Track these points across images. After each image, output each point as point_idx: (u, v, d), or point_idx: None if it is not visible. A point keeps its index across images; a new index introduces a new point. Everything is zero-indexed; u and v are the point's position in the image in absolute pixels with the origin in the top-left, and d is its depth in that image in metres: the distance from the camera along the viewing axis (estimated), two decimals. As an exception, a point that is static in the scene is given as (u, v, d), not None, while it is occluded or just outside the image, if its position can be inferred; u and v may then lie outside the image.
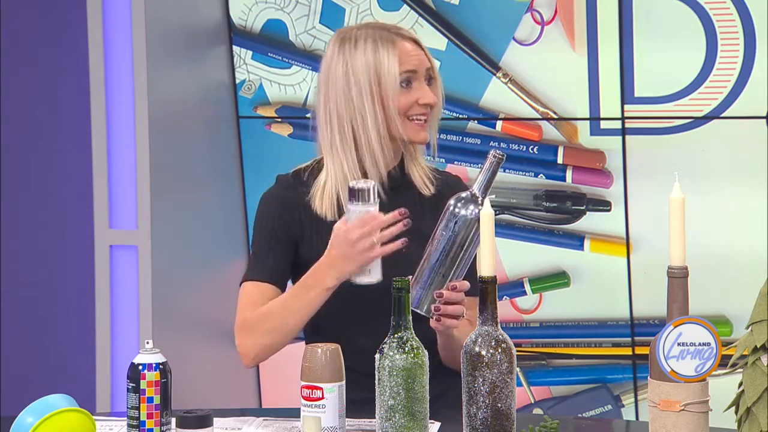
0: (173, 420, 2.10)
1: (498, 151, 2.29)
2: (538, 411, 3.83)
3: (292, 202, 2.53)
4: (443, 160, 3.85)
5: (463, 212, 2.28)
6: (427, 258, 2.31)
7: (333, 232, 2.38)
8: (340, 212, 2.48)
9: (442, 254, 2.29)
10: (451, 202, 2.30)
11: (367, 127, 2.48)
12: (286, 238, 2.52)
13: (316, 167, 2.56)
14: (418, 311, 2.29)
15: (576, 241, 3.80)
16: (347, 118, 2.49)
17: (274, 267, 2.51)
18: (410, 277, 2.29)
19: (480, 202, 2.28)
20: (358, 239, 2.33)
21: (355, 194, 2.34)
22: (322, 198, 2.52)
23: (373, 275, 2.35)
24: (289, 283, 2.55)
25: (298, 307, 2.42)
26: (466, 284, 2.32)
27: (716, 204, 3.65)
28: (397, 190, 2.55)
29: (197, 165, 3.88)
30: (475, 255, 2.33)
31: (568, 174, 3.79)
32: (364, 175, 2.50)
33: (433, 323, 2.33)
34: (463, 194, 2.30)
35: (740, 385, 1.83)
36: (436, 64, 2.58)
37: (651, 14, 3.67)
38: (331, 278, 2.38)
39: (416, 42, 2.53)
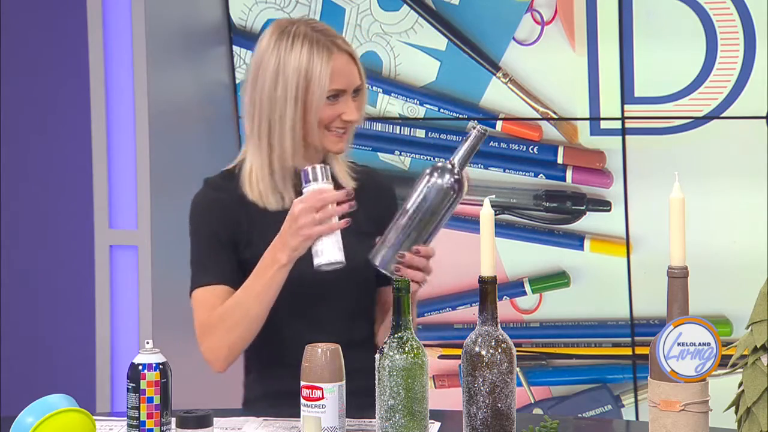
0: (173, 420, 2.10)
1: (482, 126, 2.29)
2: (538, 411, 3.83)
3: (227, 203, 2.50)
4: (443, 160, 3.85)
5: (438, 181, 2.30)
6: (397, 220, 2.32)
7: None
8: (275, 198, 2.48)
9: (413, 218, 2.31)
10: (428, 170, 2.31)
11: (284, 130, 2.45)
12: (227, 239, 2.49)
13: (242, 164, 2.54)
14: (382, 270, 2.32)
15: (576, 241, 3.80)
16: (267, 116, 2.46)
17: (222, 268, 2.47)
18: (378, 238, 2.34)
19: (457, 173, 2.29)
20: (300, 213, 2.32)
21: (305, 175, 2.35)
22: (251, 184, 2.50)
23: (326, 255, 2.32)
24: None
25: (257, 292, 2.38)
26: (432, 250, 2.33)
27: (716, 204, 3.65)
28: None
29: (197, 165, 3.88)
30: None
31: (568, 174, 3.79)
32: (272, 172, 2.48)
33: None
34: (440, 164, 2.31)
35: (740, 385, 1.83)
36: (365, 79, 2.52)
37: (651, 14, 3.67)
38: (282, 254, 2.35)
39: (351, 55, 2.49)
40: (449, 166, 2.30)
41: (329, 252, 2.32)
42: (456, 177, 2.29)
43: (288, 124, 2.45)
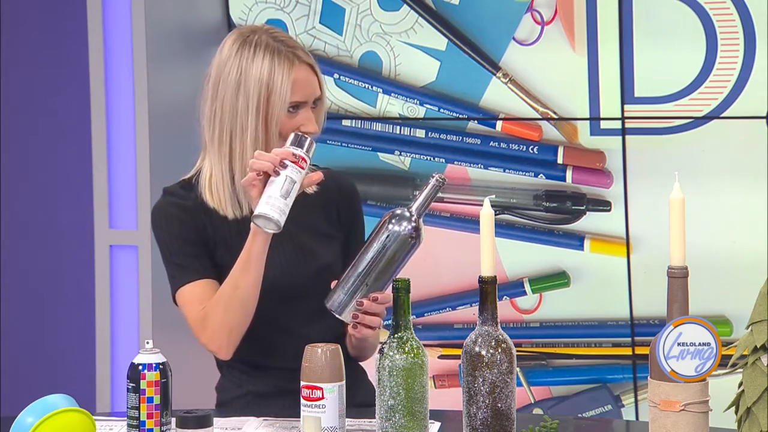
0: (173, 420, 2.10)
1: (441, 175, 2.29)
2: (538, 411, 3.83)
3: (190, 209, 2.49)
4: (443, 160, 3.85)
5: (396, 228, 2.28)
6: (355, 266, 2.30)
7: None
8: (237, 206, 2.47)
9: (370, 265, 2.29)
10: (386, 217, 2.31)
11: (245, 141, 2.44)
12: (197, 239, 2.48)
13: (200, 174, 2.52)
14: (338, 316, 2.31)
15: (576, 241, 3.80)
16: (228, 126, 2.45)
17: (201, 263, 2.47)
18: (334, 281, 2.32)
19: (414, 220, 2.29)
20: (255, 155, 2.32)
21: (290, 139, 2.35)
22: (211, 192, 2.48)
23: (259, 207, 2.29)
24: None
25: (241, 266, 2.37)
26: (388, 296, 2.32)
27: (716, 204, 3.65)
28: None
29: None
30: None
31: (568, 174, 3.79)
32: (233, 181, 2.47)
33: (350, 329, 2.36)
34: (398, 211, 2.30)
35: (740, 385, 1.83)
36: (327, 87, 2.52)
37: (651, 14, 3.67)
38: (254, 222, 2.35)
39: (312, 67, 2.48)
40: (407, 213, 2.30)
41: (262, 205, 2.29)
42: (414, 224, 2.29)
43: (250, 135, 2.44)
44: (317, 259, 2.49)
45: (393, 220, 2.28)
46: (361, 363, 2.60)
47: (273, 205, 2.29)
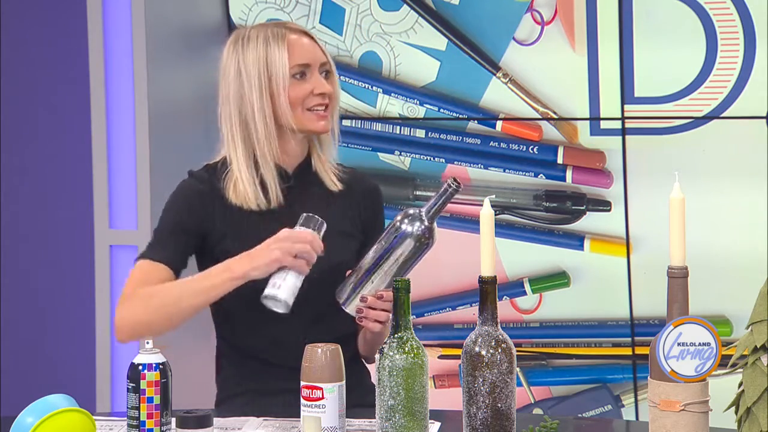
0: (173, 420, 2.10)
1: (455, 181, 2.30)
2: (538, 411, 3.83)
3: (207, 197, 2.53)
4: (443, 160, 3.85)
5: (406, 228, 2.31)
6: (365, 261, 2.35)
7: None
8: (262, 197, 2.50)
9: (377, 262, 2.33)
10: (399, 217, 2.32)
11: (254, 119, 2.49)
12: (194, 229, 2.52)
13: (226, 161, 2.57)
14: (344, 308, 2.37)
15: (576, 241, 3.80)
16: (240, 113, 2.50)
17: (174, 252, 2.50)
18: (348, 271, 2.37)
19: (426, 223, 2.30)
20: (285, 238, 2.35)
21: (301, 219, 2.40)
22: (235, 190, 2.52)
23: (282, 291, 2.34)
24: None
25: (199, 289, 2.40)
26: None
27: (716, 204, 3.65)
28: (305, 186, 2.57)
29: (197, 165, 3.87)
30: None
31: (568, 174, 3.79)
32: (257, 167, 2.51)
33: (358, 321, 2.39)
34: (411, 211, 2.32)
35: (740, 385, 1.83)
36: (331, 60, 2.57)
37: (651, 14, 3.67)
38: (240, 266, 2.37)
39: (310, 36, 2.53)
40: (419, 215, 2.31)
41: (285, 290, 2.34)
42: (425, 226, 2.30)
43: (257, 112, 2.49)
44: (328, 259, 2.46)
45: (405, 220, 2.31)
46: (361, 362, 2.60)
47: (295, 295, 2.36)
